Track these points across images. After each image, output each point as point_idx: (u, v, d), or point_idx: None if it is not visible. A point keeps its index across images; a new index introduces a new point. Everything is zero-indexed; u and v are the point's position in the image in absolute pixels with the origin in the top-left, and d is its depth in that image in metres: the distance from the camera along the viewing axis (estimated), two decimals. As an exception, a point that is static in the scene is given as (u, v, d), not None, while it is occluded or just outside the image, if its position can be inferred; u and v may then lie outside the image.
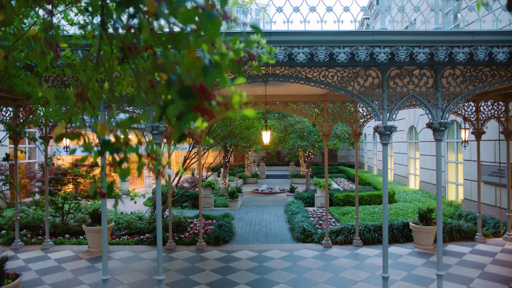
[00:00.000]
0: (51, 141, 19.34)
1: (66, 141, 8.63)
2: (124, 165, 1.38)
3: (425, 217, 9.47)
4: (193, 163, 12.88)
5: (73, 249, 9.67)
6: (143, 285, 7.17)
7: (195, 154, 12.59)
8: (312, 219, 12.68)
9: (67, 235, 10.73)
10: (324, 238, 9.87)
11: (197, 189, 15.72)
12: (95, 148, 1.34)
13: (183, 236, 10.63)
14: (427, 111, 5.52)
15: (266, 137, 8.09)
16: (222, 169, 20.20)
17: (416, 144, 19.44)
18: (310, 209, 14.84)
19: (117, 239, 10.43)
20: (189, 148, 13.26)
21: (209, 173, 18.60)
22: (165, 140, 9.49)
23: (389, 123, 5.40)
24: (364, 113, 9.90)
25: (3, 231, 11.02)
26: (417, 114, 18.31)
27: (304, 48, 4.96)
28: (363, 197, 15.04)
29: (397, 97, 5.48)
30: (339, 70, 5.50)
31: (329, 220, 12.16)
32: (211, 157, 31.31)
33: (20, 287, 6.89)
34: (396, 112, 5.46)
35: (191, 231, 11.08)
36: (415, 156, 19.54)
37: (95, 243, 9.47)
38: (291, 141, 17.60)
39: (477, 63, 5.26)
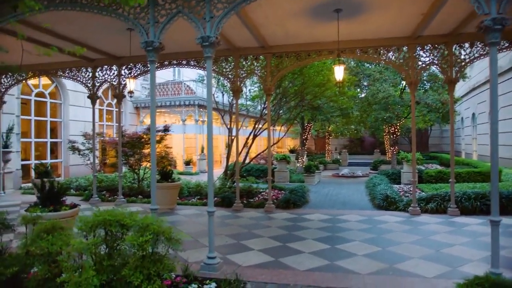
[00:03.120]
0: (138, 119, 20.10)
1: (130, 85, 8.54)
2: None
3: (546, 181, 7.53)
4: (261, 132, 12.24)
5: (142, 206, 9.70)
6: (201, 234, 6.69)
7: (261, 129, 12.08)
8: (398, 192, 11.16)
9: (140, 196, 10.90)
10: (411, 205, 8.46)
11: (273, 165, 15.06)
12: None
13: (252, 200, 10.07)
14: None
15: (339, 72, 7.01)
16: (299, 148, 19.33)
17: (528, 118, 16.39)
18: (396, 186, 13.20)
19: (187, 200, 10.30)
20: (258, 120, 12.65)
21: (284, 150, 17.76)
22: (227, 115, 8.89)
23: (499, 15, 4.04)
24: (462, 56, 8.21)
25: (86, 191, 11.66)
26: (530, 80, 15.38)
27: None
28: (460, 174, 12.95)
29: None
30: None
31: (418, 193, 10.56)
32: (289, 146, 30.64)
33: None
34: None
35: (261, 197, 10.46)
36: (527, 132, 16.48)
37: (162, 200, 9.34)
38: (374, 113, 15.95)
39: None
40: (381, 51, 8.45)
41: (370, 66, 17.80)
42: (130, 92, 8.67)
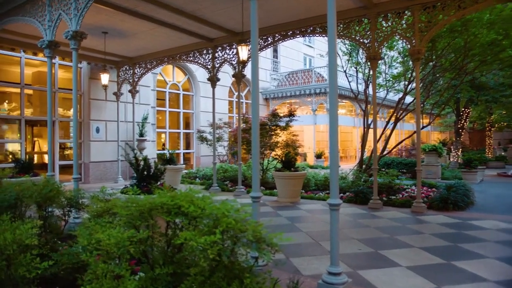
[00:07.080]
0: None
1: (242, 54, 7.43)
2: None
3: None
4: (404, 116, 9.91)
5: (263, 198, 8.59)
6: (325, 235, 5.12)
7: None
8: None
9: (262, 188, 9.92)
10: None
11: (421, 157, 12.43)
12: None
13: (393, 197, 8.01)
14: None
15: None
16: (452, 141, 15.86)
17: None
18: None
19: (313, 194, 8.84)
20: (401, 99, 10.33)
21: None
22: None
23: None
24: None
25: (210, 180, 11.33)
26: None
27: None
28: None
29: None
30: None
31: None
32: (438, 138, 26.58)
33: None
34: None
35: (406, 195, 8.30)
36: None
37: (282, 192, 8.12)
38: None
39: None
40: None
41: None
42: (243, 62, 7.64)
